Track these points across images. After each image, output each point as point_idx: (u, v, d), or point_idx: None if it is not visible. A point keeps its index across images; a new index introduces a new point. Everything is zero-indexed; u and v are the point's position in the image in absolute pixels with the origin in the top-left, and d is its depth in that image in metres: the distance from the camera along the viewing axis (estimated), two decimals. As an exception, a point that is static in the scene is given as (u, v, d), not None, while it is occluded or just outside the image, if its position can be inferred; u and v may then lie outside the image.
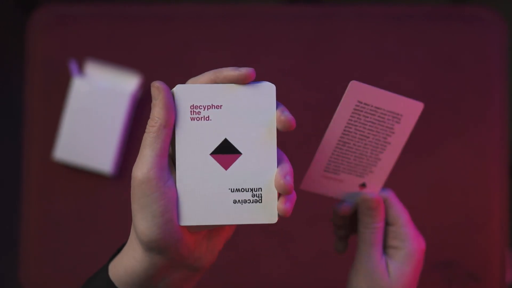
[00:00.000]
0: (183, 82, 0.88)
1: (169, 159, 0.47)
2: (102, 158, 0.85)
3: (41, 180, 0.86)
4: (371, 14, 0.88)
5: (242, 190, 0.46)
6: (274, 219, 0.46)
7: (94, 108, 0.85)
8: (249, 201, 0.46)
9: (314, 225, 0.86)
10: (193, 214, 0.46)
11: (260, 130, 0.46)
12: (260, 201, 0.46)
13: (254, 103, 0.46)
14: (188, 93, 0.46)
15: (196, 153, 0.46)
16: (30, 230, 0.86)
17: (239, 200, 0.46)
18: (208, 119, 0.46)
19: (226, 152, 0.46)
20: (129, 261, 0.48)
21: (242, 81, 0.46)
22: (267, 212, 0.46)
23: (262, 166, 0.46)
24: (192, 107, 0.46)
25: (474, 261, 0.85)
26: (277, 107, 0.46)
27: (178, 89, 0.46)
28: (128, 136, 0.87)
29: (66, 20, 0.89)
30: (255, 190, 0.46)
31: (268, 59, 0.88)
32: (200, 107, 0.46)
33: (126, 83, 0.86)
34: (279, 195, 0.46)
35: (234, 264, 0.86)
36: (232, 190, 0.46)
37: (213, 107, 0.46)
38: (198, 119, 0.46)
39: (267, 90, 0.46)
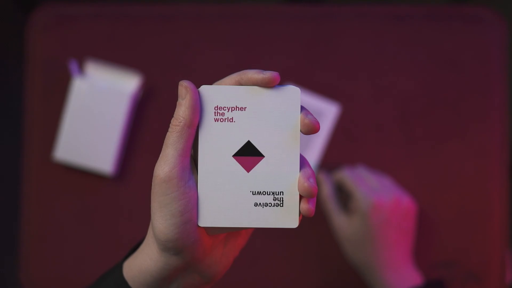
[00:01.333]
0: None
1: (191, 160, 0.47)
2: (102, 158, 0.85)
3: (41, 180, 0.86)
4: (371, 14, 0.88)
5: (264, 193, 0.45)
6: (295, 224, 0.45)
7: (94, 108, 0.85)
8: (270, 205, 0.45)
9: (314, 224, 0.86)
10: (213, 216, 0.45)
11: (283, 134, 0.45)
12: (281, 205, 0.45)
13: (279, 106, 0.45)
14: (213, 94, 0.45)
15: (218, 154, 0.45)
16: (30, 230, 0.86)
17: (260, 203, 0.45)
18: (232, 121, 0.45)
19: (248, 154, 0.45)
20: (144, 260, 0.48)
21: (266, 84, 0.45)
22: (288, 216, 0.45)
23: (284, 169, 0.45)
24: (216, 108, 0.45)
25: (474, 261, 0.85)
26: (301, 111, 0.46)
27: (203, 89, 0.46)
28: (128, 136, 0.87)
29: (66, 20, 0.89)
30: (277, 193, 0.45)
31: (268, 59, 0.88)
32: (224, 108, 0.45)
33: (126, 83, 0.86)
34: (301, 198, 0.46)
35: (234, 264, 0.86)
36: (254, 193, 0.45)
37: (237, 109, 0.45)
38: (221, 120, 0.45)
39: (292, 93, 0.45)
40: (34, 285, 0.86)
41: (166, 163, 0.44)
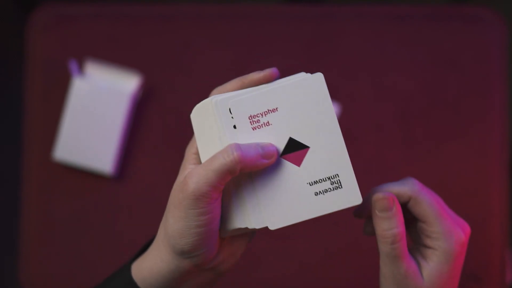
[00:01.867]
0: (183, 82, 0.88)
1: None
2: (102, 158, 0.85)
3: (41, 180, 0.86)
4: (371, 14, 0.88)
5: (320, 181, 0.46)
6: (359, 200, 0.46)
7: (94, 108, 0.85)
8: (330, 190, 0.46)
9: (315, 226, 0.86)
10: (280, 217, 0.46)
11: (320, 119, 0.46)
12: (340, 186, 0.46)
13: (307, 96, 0.46)
14: (242, 105, 0.46)
15: None
16: (30, 230, 0.86)
17: (320, 191, 0.46)
18: (269, 124, 0.46)
19: (294, 150, 0.46)
20: (155, 262, 0.48)
21: (267, 81, 0.47)
22: (350, 195, 0.46)
23: (332, 152, 0.46)
24: (250, 118, 0.46)
25: (474, 261, 0.85)
26: None
27: (233, 104, 0.46)
28: (128, 136, 0.87)
29: (66, 20, 0.89)
30: (333, 177, 0.46)
31: (268, 59, 0.88)
32: (258, 115, 0.46)
33: (126, 83, 0.86)
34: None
35: (237, 265, 0.86)
36: (311, 184, 0.46)
37: (270, 111, 0.46)
38: (259, 127, 0.46)
39: (316, 79, 0.46)
40: (34, 285, 0.86)
41: (202, 181, 0.44)
